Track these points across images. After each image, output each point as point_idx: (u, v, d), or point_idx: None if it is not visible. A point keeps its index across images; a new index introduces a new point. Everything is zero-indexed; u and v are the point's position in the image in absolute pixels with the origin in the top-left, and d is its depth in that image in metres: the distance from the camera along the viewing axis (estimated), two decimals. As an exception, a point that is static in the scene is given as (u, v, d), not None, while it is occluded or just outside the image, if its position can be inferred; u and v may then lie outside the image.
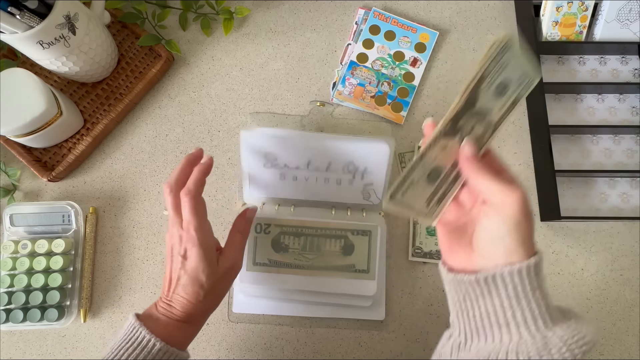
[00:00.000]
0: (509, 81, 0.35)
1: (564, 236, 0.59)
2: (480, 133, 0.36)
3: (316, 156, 0.52)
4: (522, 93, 0.36)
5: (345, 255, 0.53)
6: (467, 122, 0.36)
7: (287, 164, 0.53)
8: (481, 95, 0.35)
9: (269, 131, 0.52)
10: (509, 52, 0.34)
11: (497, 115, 0.36)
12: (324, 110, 0.59)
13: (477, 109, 0.35)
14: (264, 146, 0.52)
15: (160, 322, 0.42)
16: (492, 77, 0.35)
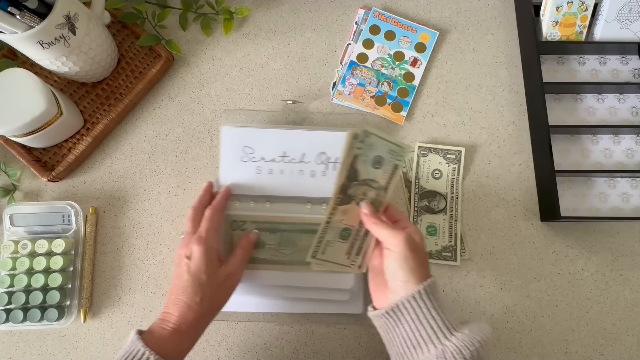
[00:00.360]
0: (380, 157, 0.45)
1: (564, 236, 0.59)
2: (374, 196, 0.46)
3: (291, 148, 0.54)
4: (398, 162, 0.46)
5: None
6: (357, 191, 0.46)
7: (264, 157, 0.54)
8: (360, 170, 0.45)
9: (249, 127, 0.56)
10: (370, 137, 0.44)
11: (384, 181, 0.46)
12: (299, 106, 0.61)
13: (360, 180, 0.46)
14: (243, 141, 0.54)
15: (154, 334, 0.41)
16: (364, 155, 0.45)
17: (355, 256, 0.48)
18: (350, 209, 0.47)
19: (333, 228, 0.47)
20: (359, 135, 0.44)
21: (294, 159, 0.55)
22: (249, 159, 0.54)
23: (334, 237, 0.48)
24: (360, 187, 0.46)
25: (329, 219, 0.47)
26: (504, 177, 0.60)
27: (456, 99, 0.63)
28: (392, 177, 0.46)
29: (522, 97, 0.63)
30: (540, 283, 0.57)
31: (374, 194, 0.46)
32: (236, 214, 0.53)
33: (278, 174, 0.55)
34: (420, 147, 0.60)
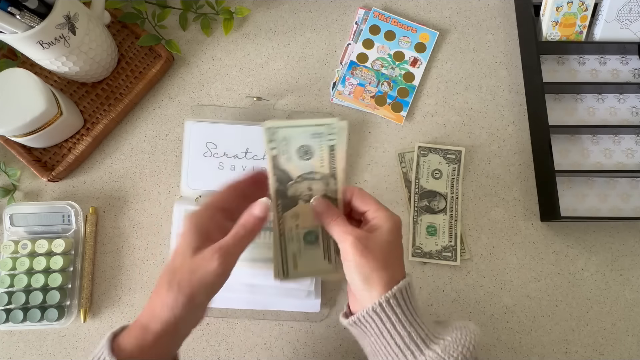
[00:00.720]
0: (305, 146, 0.38)
1: (564, 236, 0.59)
2: (323, 186, 0.39)
3: (254, 144, 0.55)
4: (332, 141, 0.38)
5: None
6: (298, 189, 0.39)
7: (226, 153, 0.55)
8: (289, 169, 0.38)
9: (212, 122, 0.56)
10: (279, 132, 0.37)
11: (325, 168, 0.39)
12: (265, 103, 0.61)
13: (296, 177, 0.39)
14: (206, 136, 0.55)
15: (124, 335, 0.36)
16: (284, 153, 0.38)
17: (337, 257, 0.42)
18: (301, 211, 0.40)
19: (291, 238, 0.41)
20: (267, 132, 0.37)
21: (257, 155, 0.55)
22: (211, 154, 0.55)
23: (299, 246, 0.41)
24: (299, 184, 0.39)
25: (280, 230, 0.40)
26: (504, 177, 0.60)
27: (456, 99, 0.63)
28: (335, 161, 0.39)
29: (522, 97, 0.63)
30: (540, 283, 0.57)
31: (321, 184, 0.39)
32: (195, 209, 0.53)
33: (240, 170, 0.56)
34: (420, 147, 0.60)
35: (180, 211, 0.53)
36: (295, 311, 0.56)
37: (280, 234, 0.40)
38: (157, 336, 0.34)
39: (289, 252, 0.41)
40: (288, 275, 0.41)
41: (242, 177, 0.40)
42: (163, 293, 0.35)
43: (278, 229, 0.40)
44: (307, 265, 0.42)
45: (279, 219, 0.40)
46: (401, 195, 0.60)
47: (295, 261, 0.41)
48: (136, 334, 0.35)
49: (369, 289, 0.36)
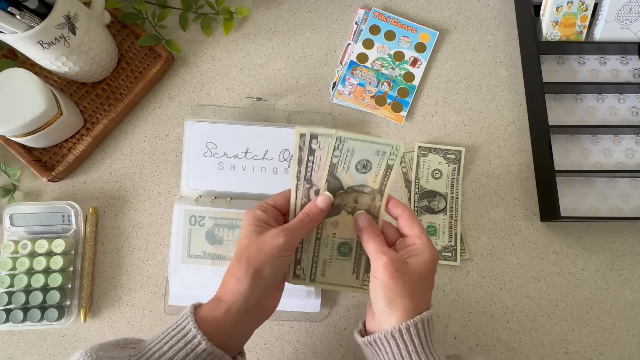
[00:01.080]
0: (366, 160, 0.40)
1: (564, 236, 0.59)
2: (369, 202, 0.41)
3: (254, 144, 0.55)
4: (392, 161, 0.40)
5: None
6: (345, 199, 0.41)
7: (226, 153, 0.55)
8: (343, 178, 0.40)
9: (212, 121, 0.56)
10: (347, 143, 0.39)
11: (376, 184, 0.40)
12: (265, 103, 0.61)
13: (347, 188, 0.40)
14: (206, 136, 0.55)
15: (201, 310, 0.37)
16: (344, 162, 0.40)
17: (366, 274, 0.42)
18: (341, 221, 0.41)
19: (326, 244, 0.42)
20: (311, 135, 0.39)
21: (257, 155, 0.56)
22: (211, 154, 0.55)
23: (331, 254, 0.42)
24: (347, 195, 0.41)
25: (318, 234, 0.41)
26: (504, 177, 0.60)
27: (456, 99, 0.63)
28: (386, 179, 0.40)
29: (522, 97, 0.63)
30: (540, 283, 0.57)
31: (367, 199, 0.41)
32: (195, 209, 0.53)
33: (240, 170, 0.56)
34: (420, 147, 0.60)
35: (180, 211, 0.53)
36: (295, 311, 0.56)
37: (317, 237, 0.41)
38: (228, 306, 0.37)
39: (320, 258, 0.42)
40: (315, 279, 0.42)
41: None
42: (233, 269, 0.37)
43: (316, 232, 0.41)
44: (335, 276, 0.42)
45: (320, 223, 0.41)
46: (401, 196, 0.60)
47: (324, 268, 0.42)
48: (211, 306, 0.37)
49: (391, 312, 0.36)
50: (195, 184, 0.56)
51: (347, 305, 0.57)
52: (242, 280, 0.37)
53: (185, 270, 0.53)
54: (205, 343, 0.34)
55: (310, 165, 0.40)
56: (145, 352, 0.35)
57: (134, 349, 0.36)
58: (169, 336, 0.35)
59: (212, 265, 0.53)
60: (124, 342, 0.37)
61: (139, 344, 0.37)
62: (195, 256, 0.53)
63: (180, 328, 0.35)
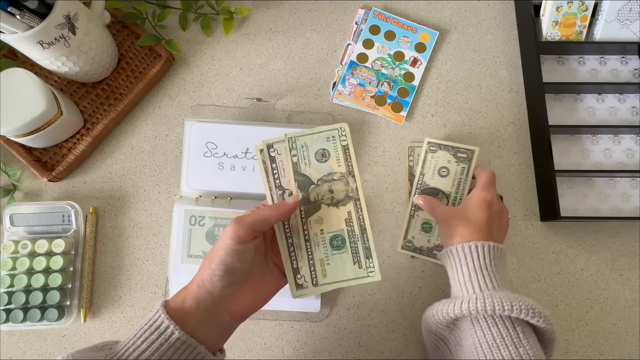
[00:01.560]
0: (322, 149, 0.42)
1: (564, 236, 0.59)
2: (343, 187, 0.42)
3: (254, 144, 0.54)
4: (344, 141, 0.43)
5: None
6: (319, 192, 0.42)
7: (226, 153, 0.56)
8: (309, 173, 0.42)
9: (212, 122, 0.57)
10: (298, 140, 0.42)
11: (343, 167, 0.42)
12: (265, 104, 0.61)
13: (317, 182, 0.42)
14: (206, 136, 0.56)
15: (170, 303, 0.38)
16: (304, 158, 0.42)
17: (367, 260, 0.41)
18: (324, 215, 0.41)
19: (317, 243, 0.41)
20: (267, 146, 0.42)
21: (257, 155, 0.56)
22: (211, 154, 0.55)
23: (326, 252, 0.41)
24: (320, 187, 0.42)
25: (305, 235, 0.41)
26: (504, 177, 0.60)
27: (456, 99, 0.63)
28: (349, 159, 0.42)
29: (522, 97, 0.63)
30: (540, 283, 0.57)
31: (341, 185, 0.42)
32: (195, 209, 0.53)
33: (240, 170, 0.56)
34: (429, 143, 0.59)
35: (180, 211, 0.53)
36: (295, 311, 0.56)
37: (306, 239, 0.41)
38: (186, 293, 0.38)
39: (315, 259, 0.41)
40: (317, 283, 0.41)
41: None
42: (205, 266, 0.39)
43: (303, 235, 0.41)
44: (336, 273, 0.41)
45: (303, 225, 0.41)
46: (401, 196, 0.60)
47: (323, 268, 0.41)
48: (175, 296, 0.39)
49: (474, 233, 0.45)
50: (195, 184, 0.56)
51: (347, 305, 0.57)
52: (200, 270, 0.39)
53: (185, 270, 0.53)
54: (178, 332, 0.35)
55: (276, 171, 0.42)
56: (120, 350, 0.36)
57: (110, 349, 0.37)
58: (142, 330, 0.36)
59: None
60: (101, 345, 0.38)
61: (115, 345, 0.38)
62: (195, 256, 0.53)
63: (153, 321, 0.36)
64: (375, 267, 0.41)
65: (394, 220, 0.59)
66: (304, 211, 0.41)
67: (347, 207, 0.42)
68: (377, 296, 0.57)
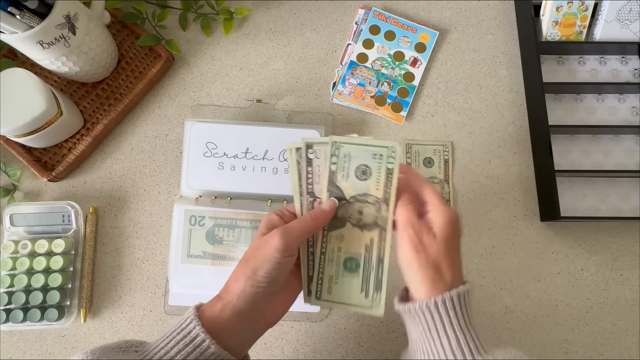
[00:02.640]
0: (364, 165, 0.38)
1: (564, 236, 0.59)
2: (374, 212, 0.39)
3: (254, 144, 0.55)
4: (391, 164, 0.38)
5: None
6: (348, 211, 0.39)
7: (227, 153, 0.56)
8: (344, 187, 0.39)
9: (212, 122, 0.57)
10: (343, 147, 0.38)
11: (381, 192, 0.39)
12: (265, 105, 0.61)
13: (349, 198, 0.39)
14: (206, 136, 0.56)
15: (205, 310, 0.37)
16: (342, 169, 0.38)
17: (376, 292, 0.39)
18: (346, 234, 0.39)
19: (331, 259, 0.40)
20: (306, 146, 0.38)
21: (257, 155, 0.56)
22: (211, 154, 0.55)
23: (337, 270, 0.40)
24: (351, 205, 0.39)
25: (322, 248, 0.39)
26: (504, 177, 0.60)
27: (456, 99, 0.63)
28: (389, 186, 0.38)
29: (522, 97, 0.63)
30: (540, 283, 0.57)
31: (373, 209, 0.39)
32: (195, 209, 0.53)
33: (240, 170, 0.56)
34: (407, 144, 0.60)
35: (180, 211, 0.53)
36: (295, 311, 0.56)
37: (322, 252, 0.40)
38: (224, 304, 0.37)
39: (325, 274, 0.40)
40: (320, 297, 0.40)
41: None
42: (236, 269, 0.38)
43: (320, 246, 0.39)
44: (342, 294, 0.40)
45: (323, 237, 0.39)
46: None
47: (330, 285, 0.40)
48: (210, 304, 0.38)
49: (419, 286, 0.36)
50: (195, 184, 0.56)
51: (347, 305, 0.57)
52: (239, 279, 0.37)
53: (185, 270, 0.53)
54: (214, 347, 0.34)
55: (311, 177, 0.39)
56: (150, 355, 0.34)
57: (136, 352, 0.35)
58: (175, 340, 0.35)
59: (212, 265, 0.53)
60: (125, 346, 0.36)
61: (141, 346, 0.36)
62: (195, 256, 0.53)
63: (187, 331, 0.35)
64: (381, 303, 0.39)
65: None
66: (328, 224, 0.39)
67: (371, 233, 0.39)
68: (377, 296, 0.57)
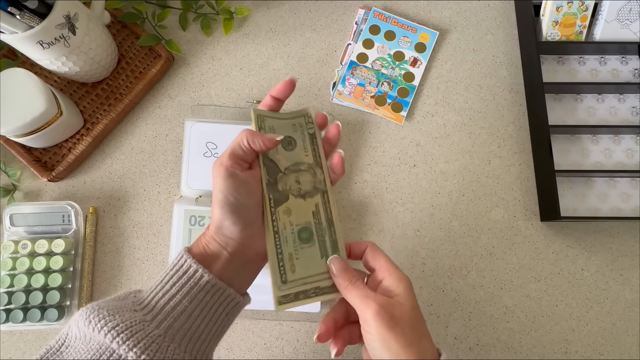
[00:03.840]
0: (288, 136, 0.39)
1: (564, 236, 0.59)
2: (310, 178, 0.39)
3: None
4: (311, 130, 0.40)
5: None
6: (287, 182, 0.39)
7: None
8: (277, 159, 0.39)
9: (212, 122, 0.57)
10: (266, 121, 0.39)
11: (311, 157, 0.39)
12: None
13: (284, 170, 0.39)
14: (206, 136, 0.56)
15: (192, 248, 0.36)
16: None
17: (335, 254, 0.38)
18: (292, 206, 0.39)
19: (285, 237, 0.38)
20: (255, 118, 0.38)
21: None
22: (211, 155, 0.56)
23: (295, 246, 0.38)
24: (288, 177, 0.39)
25: (275, 227, 0.38)
26: (504, 177, 0.60)
27: (456, 99, 0.63)
28: (317, 149, 0.39)
29: (522, 97, 0.63)
30: (540, 283, 0.57)
31: (308, 176, 0.39)
32: (195, 209, 0.53)
33: None
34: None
35: (180, 211, 0.53)
36: (295, 311, 0.56)
37: (275, 232, 0.38)
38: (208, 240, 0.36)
39: (285, 254, 0.38)
40: (286, 280, 0.38)
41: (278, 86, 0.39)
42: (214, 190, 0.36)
43: (272, 227, 0.38)
44: (305, 267, 0.38)
45: (272, 215, 0.38)
46: (401, 196, 0.60)
47: (292, 263, 0.38)
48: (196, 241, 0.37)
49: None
50: (195, 184, 0.56)
51: (347, 305, 0.57)
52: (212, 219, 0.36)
53: None
54: (207, 275, 0.34)
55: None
56: (147, 297, 0.34)
57: (135, 297, 0.35)
58: (168, 276, 0.34)
59: None
60: (124, 295, 0.35)
61: (139, 293, 0.35)
62: None
63: (179, 266, 0.35)
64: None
65: (393, 220, 0.59)
66: (273, 200, 0.38)
67: (314, 199, 0.39)
68: (377, 296, 0.57)
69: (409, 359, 0.31)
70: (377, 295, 0.33)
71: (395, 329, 0.31)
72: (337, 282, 0.36)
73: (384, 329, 0.31)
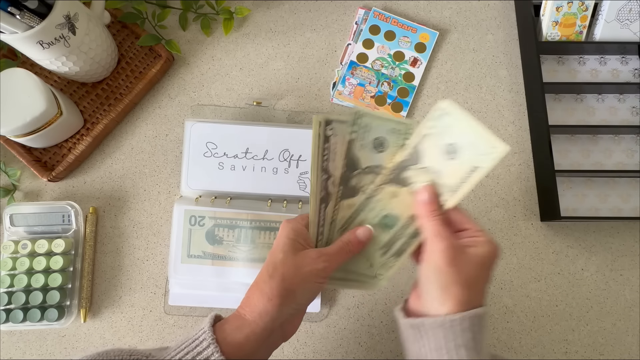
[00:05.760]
0: (381, 138, 0.39)
1: (564, 236, 0.59)
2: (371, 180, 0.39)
3: (254, 144, 0.55)
4: (407, 141, 0.39)
5: None
6: (360, 181, 0.39)
7: (227, 153, 0.56)
8: (360, 157, 0.39)
9: (212, 122, 0.57)
10: (363, 118, 0.38)
11: (389, 163, 0.39)
12: (265, 106, 0.61)
13: (363, 168, 0.39)
14: (206, 136, 0.56)
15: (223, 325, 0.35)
16: (361, 139, 0.38)
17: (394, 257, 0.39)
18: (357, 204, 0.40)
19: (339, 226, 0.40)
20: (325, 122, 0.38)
21: (257, 155, 0.56)
22: (211, 154, 0.56)
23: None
24: (364, 175, 0.39)
25: (334, 216, 0.39)
26: (504, 177, 0.60)
27: (456, 99, 0.63)
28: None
29: (522, 97, 0.63)
30: (540, 283, 0.57)
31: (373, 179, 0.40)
32: (195, 209, 0.53)
33: (240, 170, 0.56)
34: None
35: (180, 211, 0.53)
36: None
37: (332, 220, 0.39)
38: (252, 328, 0.34)
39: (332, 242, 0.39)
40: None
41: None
42: (263, 285, 0.35)
43: (332, 214, 0.39)
44: (347, 264, 0.39)
45: (336, 205, 0.39)
46: (401, 195, 0.60)
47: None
48: (234, 326, 0.34)
49: (443, 300, 0.33)
50: (195, 184, 0.56)
51: (347, 305, 0.57)
52: (273, 300, 0.34)
53: (185, 270, 0.53)
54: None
55: (327, 153, 0.38)
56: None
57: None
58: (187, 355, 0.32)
59: (212, 265, 0.53)
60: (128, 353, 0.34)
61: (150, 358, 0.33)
62: (195, 256, 0.53)
63: (200, 349, 0.32)
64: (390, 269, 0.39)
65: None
66: (341, 192, 0.39)
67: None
68: (377, 296, 0.57)
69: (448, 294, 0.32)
70: (452, 236, 0.34)
71: (455, 267, 0.33)
72: (420, 208, 0.36)
73: (445, 263, 0.33)
